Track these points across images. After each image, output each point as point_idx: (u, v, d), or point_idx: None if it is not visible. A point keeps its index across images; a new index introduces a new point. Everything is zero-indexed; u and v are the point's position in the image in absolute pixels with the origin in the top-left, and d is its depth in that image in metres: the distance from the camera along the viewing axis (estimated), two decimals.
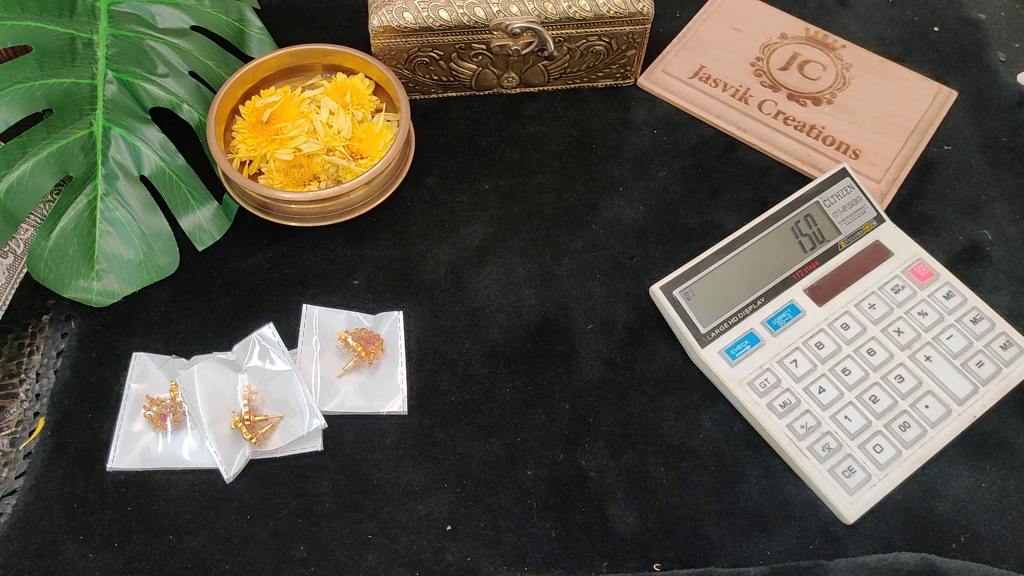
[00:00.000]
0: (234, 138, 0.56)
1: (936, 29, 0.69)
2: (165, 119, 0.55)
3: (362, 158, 0.56)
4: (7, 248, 0.52)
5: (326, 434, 0.49)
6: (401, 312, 0.53)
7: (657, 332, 0.53)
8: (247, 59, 0.60)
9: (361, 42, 0.59)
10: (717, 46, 0.66)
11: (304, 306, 0.53)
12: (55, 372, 0.52)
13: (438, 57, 0.60)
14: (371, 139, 0.56)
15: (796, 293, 0.53)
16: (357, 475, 0.48)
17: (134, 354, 0.51)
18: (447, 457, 0.49)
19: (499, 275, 0.55)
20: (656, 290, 0.52)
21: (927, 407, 0.49)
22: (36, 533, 0.45)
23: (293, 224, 0.55)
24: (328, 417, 0.49)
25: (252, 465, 0.48)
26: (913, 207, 0.58)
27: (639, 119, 0.63)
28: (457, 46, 0.59)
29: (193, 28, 0.58)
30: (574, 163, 0.61)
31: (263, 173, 0.56)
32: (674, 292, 0.51)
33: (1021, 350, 0.51)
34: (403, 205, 0.58)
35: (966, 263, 0.56)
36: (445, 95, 0.64)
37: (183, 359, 0.51)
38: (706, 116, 0.63)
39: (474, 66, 0.61)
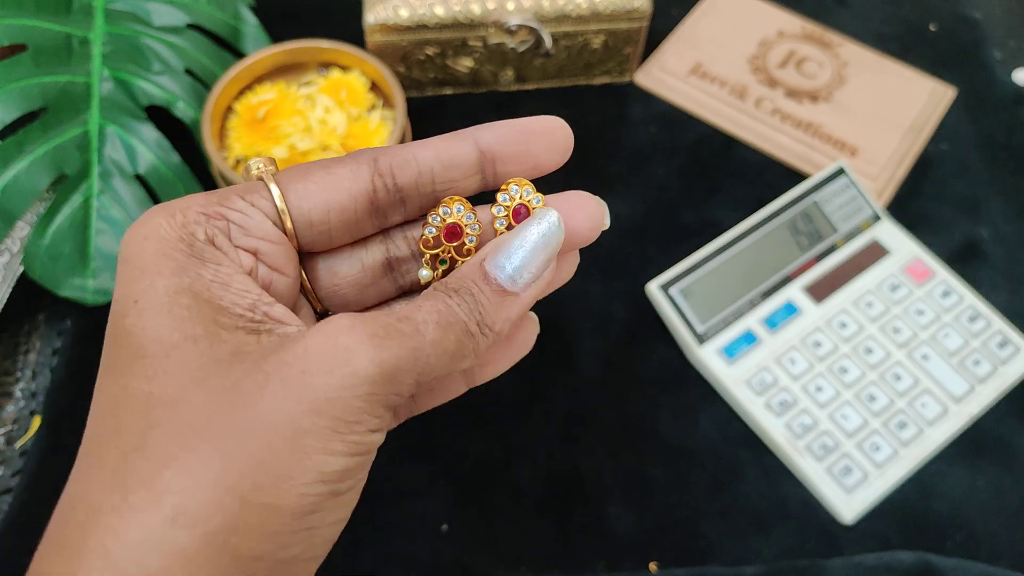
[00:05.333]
0: (229, 136, 0.56)
1: (933, 28, 0.69)
2: (160, 117, 0.55)
3: None
4: (3, 247, 0.52)
5: None
6: None
7: (654, 330, 0.53)
8: (242, 56, 0.60)
9: (356, 39, 0.59)
10: (714, 43, 0.66)
11: None
12: (51, 370, 0.51)
13: (434, 54, 0.60)
14: (367, 136, 0.56)
15: (794, 291, 0.53)
16: None
17: None
18: (442, 456, 0.48)
19: None
20: (653, 288, 0.52)
21: (924, 406, 0.49)
22: (32, 532, 0.45)
23: None
24: None
25: None
26: (910, 205, 0.58)
27: (636, 116, 0.63)
28: (453, 43, 0.59)
29: (189, 26, 0.58)
30: (571, 160, 0.60)
31: None
32: (671, 290, 0.51)
33: (1017, 349, 0.51)
34: None
35: (963, 261, 0.56)
36: (441, 92, 0.63)
37: None
38: (703, 113, 0.63)
39: (470, 63, 0.61)
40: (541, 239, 0.23)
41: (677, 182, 0.60)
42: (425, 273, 0.25)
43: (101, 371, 0.21)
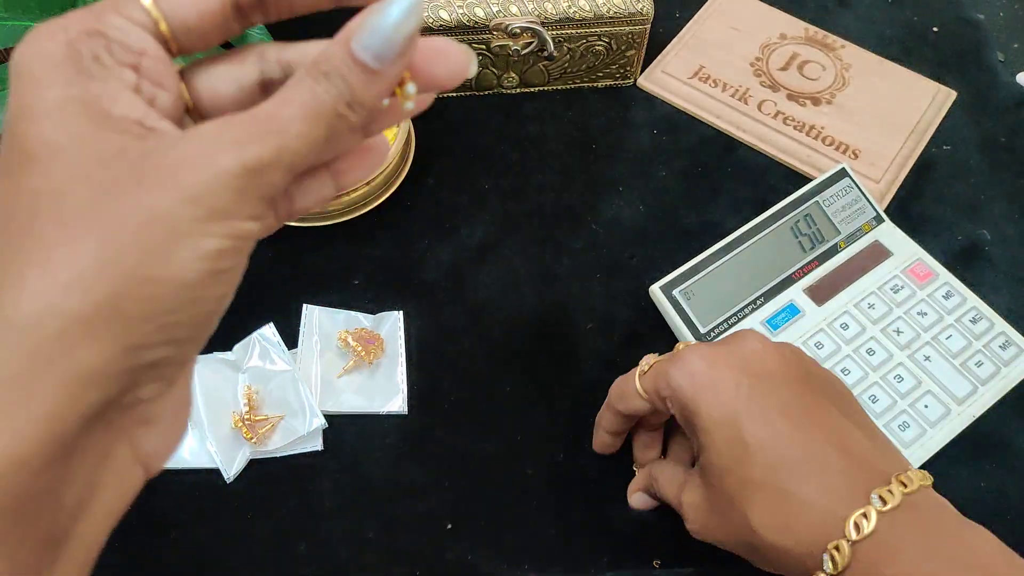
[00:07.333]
0: None
1: (935, 29, 0.69)
2: None
3: None
4: None
5: (326, 433, 0.49)
6: (401, 312, 0.53)
7: (657, 332, 0.53)
8: None
9: None
10: (717, 46, 0.66)
11: (304, 306, 0.53)
12: None
13: None
14: None
15: (796, 293, 0.53)
16: (357, 474, 0.48)
17: None
18: (447, 456, 0.49)
19: (499, 275, 0.55)
20: (656, 290, 0.52)
21: (926, 407, 0.49)
22: None
23: (293, 224, 0.55)
24: (328, 416, 0.49)
25: (252, 465, 0.48)
26: (912, 207, 0.58)
27: (639, 119, 0.63)
28: None
29: None
30: (574, 163, 0.61)
31: None
32: (674, 292, 0.52)
33: (1020, 350, 0.51)
34: (403, 205, 0.58)
35: (965, 263, 0.56)
36: (445, 95, 0.64)
37: None
38: (706, 116, 0.63)
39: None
40: (402, 16, 0.24)
41: (680, 184, 0.60)
42: None
43: None
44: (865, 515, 0.33)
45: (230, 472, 0.47)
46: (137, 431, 0.24)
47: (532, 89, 0.64)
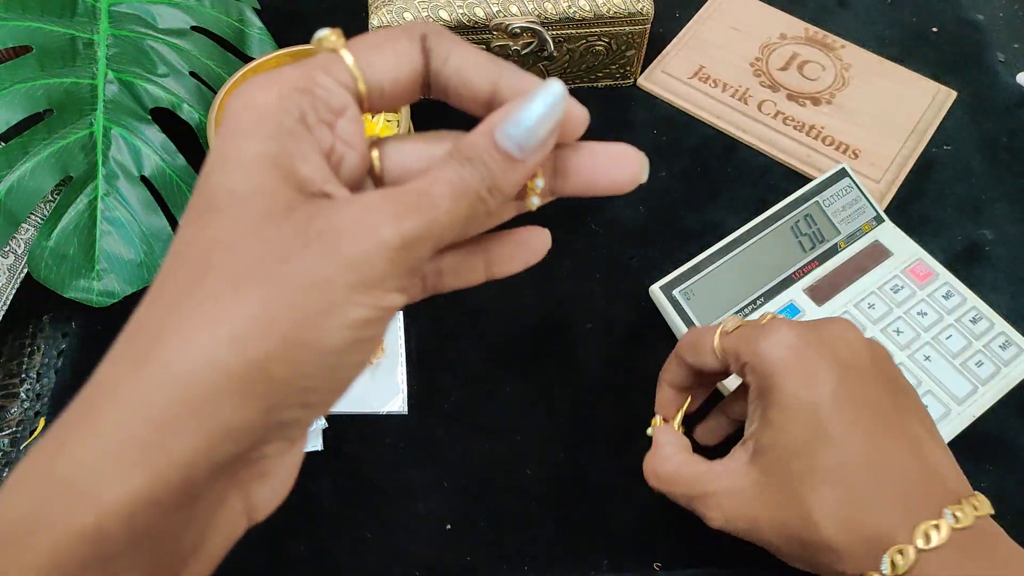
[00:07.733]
0: None
1: (935, 30, 0.69)
2: (165, 119, 0.55)
3: None
4: (8, 248, 0.52)
5: (326, 433, 0.49)
6: (401, 312, 0.53)
7: (657, 332, 0.53)
8: (247, 59, 0.60)
9: None
10: (717, 46, 0.66)
11: None
12: (56, 372, 0.52)
13: None
14: None
15: (796, 293, 0.53)
16: (357, 474, 0.48)
17: None
18: (446, 457, 0.49)
19: None
20: (656, 290, 0.52)
21: (926, 407, 0.49)
22: None
23: None
24: (328, 416, 0.49)
25: None
26: (912, 207, 0.58)
27: (639, 119, 0.63)
28: None
29: (193, 28, 0.58)
30: None
31: None
32: (674, 292, 0.52)
33: (1020, 350, 0.51)
34: None
35: (965, 263, 0.56)
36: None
37: None
38: (706, 116, 0.63)
39: None
40: (546, 110, 0.25)
41: (680, 185, 0.60)
42: None
43: (182, 219, 0.24)
44: (937, 527, 0.33)
45: None
46: (253, 483, 0.25)
47: None
